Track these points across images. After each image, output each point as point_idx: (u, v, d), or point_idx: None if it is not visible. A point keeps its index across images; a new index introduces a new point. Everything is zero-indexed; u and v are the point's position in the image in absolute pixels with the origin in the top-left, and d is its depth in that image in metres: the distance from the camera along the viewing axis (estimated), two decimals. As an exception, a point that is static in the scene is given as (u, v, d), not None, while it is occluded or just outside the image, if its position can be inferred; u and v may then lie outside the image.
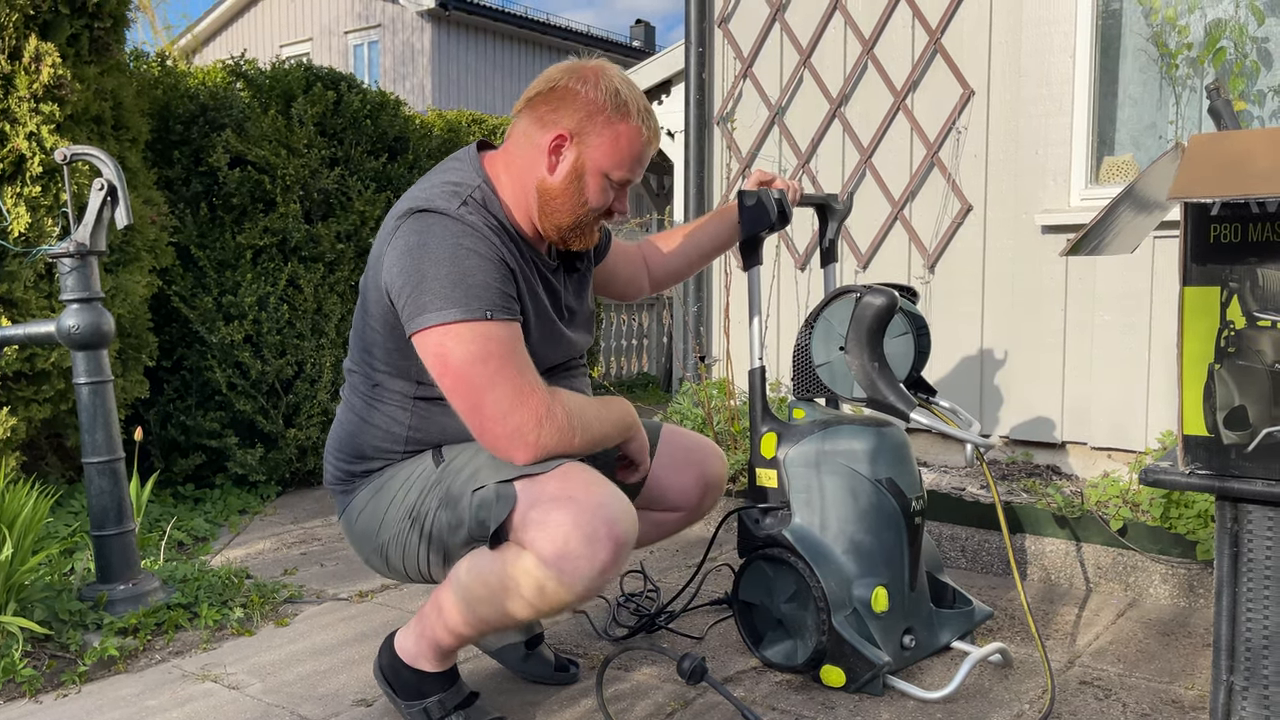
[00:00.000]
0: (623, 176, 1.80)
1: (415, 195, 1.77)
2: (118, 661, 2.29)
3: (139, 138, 3.45)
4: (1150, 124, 3.24)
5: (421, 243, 1.68)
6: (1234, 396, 1.62)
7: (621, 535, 1.63)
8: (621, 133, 1.76)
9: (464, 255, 1.67)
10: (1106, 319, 3.17)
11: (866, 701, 2.05)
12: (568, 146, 1.76)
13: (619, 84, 1.77)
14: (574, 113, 1.75)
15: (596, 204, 1.80)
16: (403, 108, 4.58)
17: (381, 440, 1.87)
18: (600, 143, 1.76)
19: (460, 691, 1.91)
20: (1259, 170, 1.45)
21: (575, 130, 1.75)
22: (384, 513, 1.85)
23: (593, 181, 1.78)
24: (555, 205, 1.79)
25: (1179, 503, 2.60)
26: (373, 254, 1.81)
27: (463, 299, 1.64)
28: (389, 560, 1.87)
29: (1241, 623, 1.67)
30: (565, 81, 1.76)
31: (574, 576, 1.61)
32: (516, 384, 1.65)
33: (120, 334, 3.34)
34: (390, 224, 1.76)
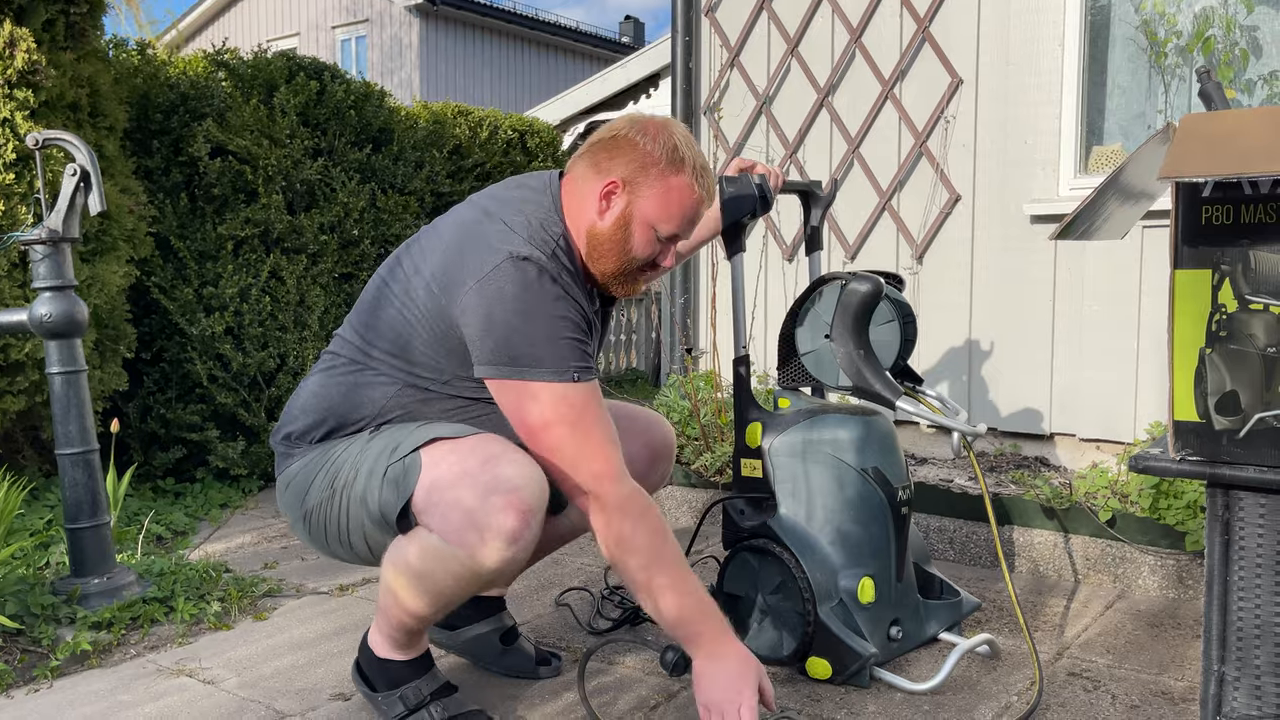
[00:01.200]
0: (670, 231, 1.79)
1: (506, 231, 1.72)
2: (91, 656, 2.24)
3: (116, 126, 3.40)
4: (1139, 113, 3.22)
5: (514, 294, 1.67)
6: (1225, 381, 1.59)
7: (525, 500, 1.62)
8: (673, 186, 1.77)
9: (553, 315, 1.69)
10: (1095, 309, 3.15)
11: (853, 693, 2.02)
12: (618, 194, 1.77)
13: (679, 140, 1.78)
14: (629, 162, 1.76)
15: (642, 254, 1.80)
16: (387, 98, 4.54)
17: (353, 412, 1.83)
18: (651, 194, 1.76)
19: (436, 679, 1.88)
20: (1252, 148, 1.42)
21: (628, 179, 1.76)
22: (312, 479, 1.82)
23: (639, 232, 1.78)
24: (602, 251, 1.79)
25: (1168, 493, 2.58)
26: (437, 263, 1.75)
27: (553, 361, 1.67)
28: (310, 529, 1.86)
29: (1233, 611, 1.64)
30: (626, 131, 1.78)
31: (484, 551, 1.61)
32: (592, 444, 1.70)
33: (97, 325, 3.29)
34: (480, 254, 1.70)
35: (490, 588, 1.79)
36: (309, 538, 1.89)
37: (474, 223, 1.78)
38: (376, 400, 1.82)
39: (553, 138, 5.70)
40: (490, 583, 1.71)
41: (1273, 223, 1.53)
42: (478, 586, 1.72)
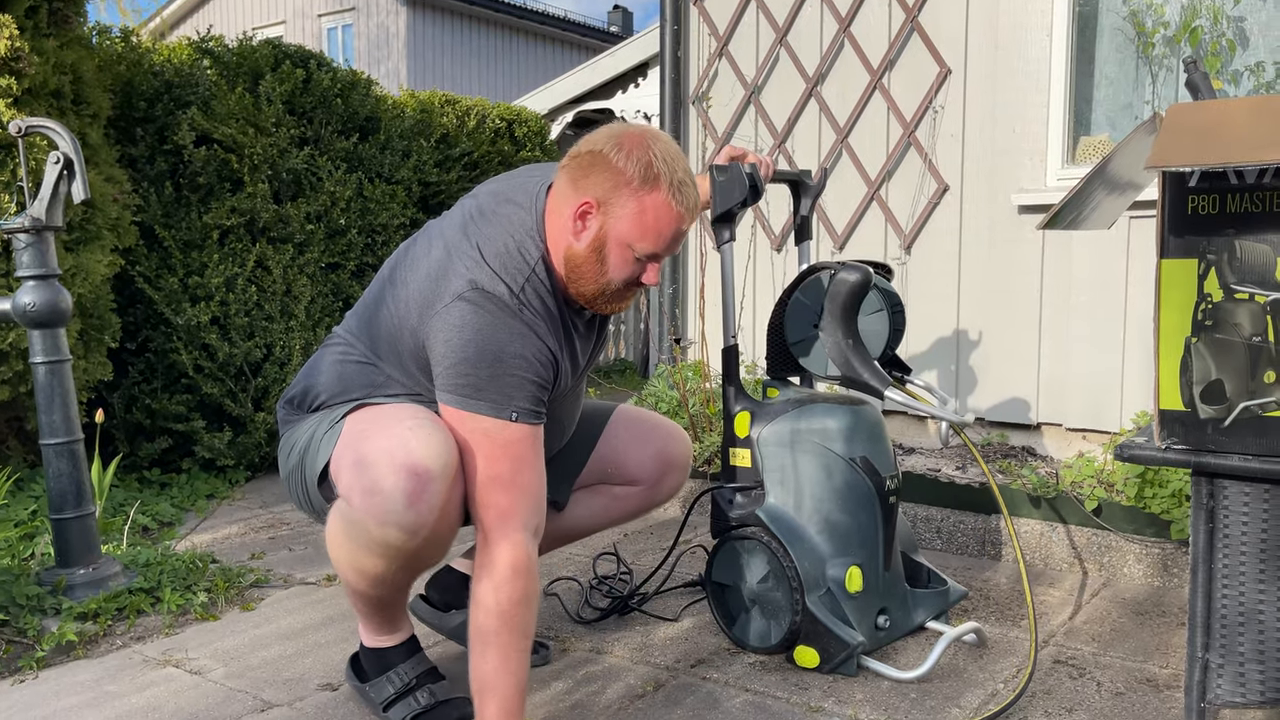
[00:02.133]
0: (648, 250, 1.73)
1: (477, 260, 1.70)
2: (76, 647, 2.23)
3: (100, 113, 3.37)
4: (1126, 104, 3.23)
5: (475, 327, 1.65)
6: (1211, 370, 1.60)
7: (418, 462, 1.59)
8: (647, 206, 1.70)
9: (511, 357, 1.66)
10: (1082, 300, 3.16)
11: (840, 682, 2.02)
12: (593, 215, 1.71)
13: (655, 155, 1.70)
14: (602, 181, 1.70)
15: (619, 277, 1.75)
16: (374, 87, 4.51)
17: (359, 386, 1.84)
18: (624, 214, 1.70)
19: (423, 662, 1.89)
20: (1238, 138, 1.43)
21: (601, 199, 1.70)
22: (295, 442, 1.86)
23: (615, 253, 1.73)
24: (579, 274, 1.75)
25: (1153, 482, 2.59)
26: (420, 281, 1.74)
27: (495, 397, 1.65)
28: (291, 490, 1.89)
29: (1217, 599, 1.65)
30: (602, 147, 1.71)
31: (385, 514, 1.60)
32: (510, 492, 1.66)
33: (81, 314, 3.27)
34: (449, 281, 1.70)
35: (420, 560, 1.74)
36: (293, 501, 1.93)
37: (455, 243, 1.75)
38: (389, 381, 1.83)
39: (541, 127, 5.68)
40: (411, 551, 1.66)
41: (1259, 212, 1.53)
42: (396, 554, 1.66)
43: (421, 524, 1.61)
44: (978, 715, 1.88)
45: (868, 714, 1.89)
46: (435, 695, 1.85)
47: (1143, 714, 1.88)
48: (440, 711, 1.83)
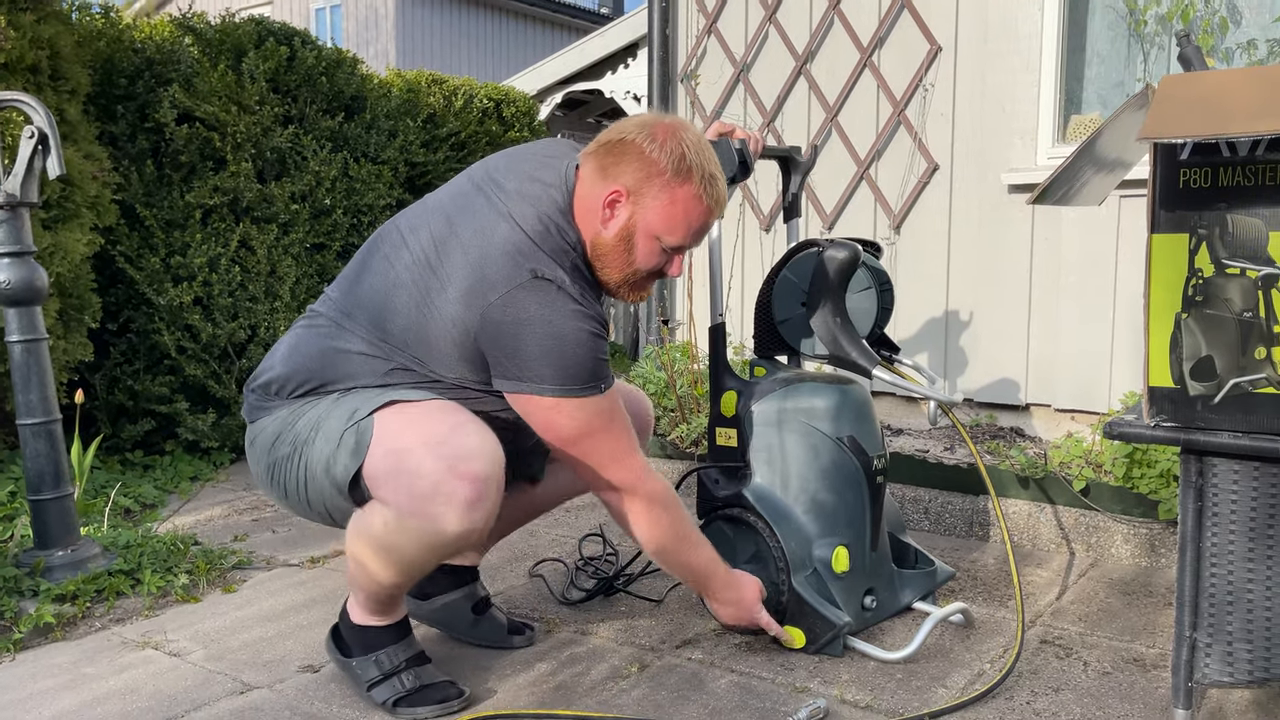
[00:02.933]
0: (676, 243, 1.74)
1: (528, 244, 1.68)
2: (55, 629, 2.20)
3: (79, 90, 3.32)
4: (1118, 82, 3.20)
5: (542, 318, 1.65)
6: (1201, 346, 1.58)
7: (480, 470, 1.62)
8: (679, 197, 1.70)
9: (578, 337, 1.67)
10: (1072, 280, 3.14)
11: (826, 662, 2.01)
12: (622, 204, 1.71)
13: (688, 146, 1.70)
14: (634, 171, 1.70)
15: (645, 266, 1.76)
16: (360, 65, 4.45)
17: (343, 378, 1.78)
18: (655, 205, 1.70)
19: (411, 646, 1.87)
20: (1232, 109, 1.40)
21: (632, 189, 1.70)
22: (278, 434, 1.79)
23: (643, 243, 1.73)
24: (606, 261, 1.75)
25: (1141, 462, 2.58)
26: (458, 269, 1.69)
27: (583, 379, 1.68)
28: (273, 483, 1.82)
29: (1205, 578, 1.64)
30: (634, 136, 1.71)
31: (442, 520, 1.61)
32: (621, 446, 1.75)
33: (60, 294, 3.22)
34: (503, 268, 1.66)
35: (456, 555, 1.77)
36: (271, 491, 1.86)
37: (492, 226, 1.71)
38: (356, 376, 1.77)
39: (529, 107, 5.62)
40: (455, 550, 1.69)
41: (1251, 185, 1.51)
42: (442, 553, 1.70)
43: (476, 526, 1.65)
44: (964, 695, 1.87)
45: (854, 694, 1.87)
46: (420, 679, 1.83)
47: (1130, 693, 1.87)
48: (425, 694, 1.82)
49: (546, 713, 1.80)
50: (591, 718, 1.79)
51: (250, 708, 1.85)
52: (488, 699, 1.87)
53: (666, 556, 1.86)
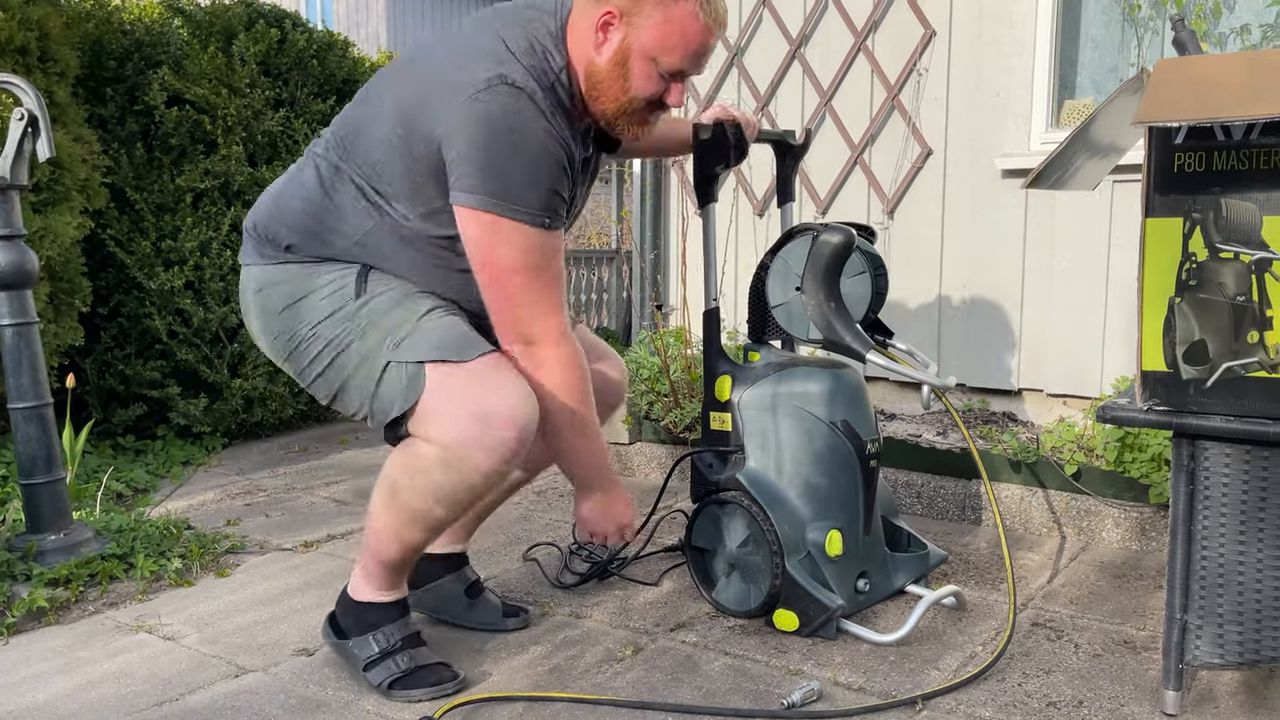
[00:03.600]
0: (674, 66, 1.67)
1: (504, 52, 1.62)
2: (48, 613, 2.20)
3: (68, 72, 3.29)
4: (1111, 67, 3.20)
5: (506, 126, 1.59)
6: (1194, 330, 1.59)
7: (521, 419, 1.65)
8: (674, 15, 1.62)
9: (541, 157, 1.62)
10: (1064, 265, 3.15)
11: (820, 645, 2.02)
12: (616, 26, 1.64)
13: None
14: None
15: (641, 92, 1.69)
16: (351, 48, 4.42)
17: (328, 231, 1.76)
18: (649, 24, 1.63)
19: (408, 626, 1.87)
20: (1227, 93, 1.41)
21: (624, 8, 1.63)
22: (298, 304, 1.77)
23: (639, 66, 1.66)
24: (600, 90, 1.69)
25: (1133, 447, 2.59)
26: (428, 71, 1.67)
27: (532, 203, 1.62)
28: (284, 353, 1.81)
29: (1196, 560, 1.65)
30: None
31: (480, 463, 1.65)
32: (547, 299, 1.70)
33: (51, 277, 3.20)
34: (474, 69, 1.61)
35: (471, 506, 1.78)
36: (275, 354, 1.84)
37: (472, 34, 1.67)
38: (348, 233, 1.75)
39: (521, 91, 5.59)
40: (476, 498, 1.73)
41: (1246, 169, 1.52)
42: (467, 500, 1.72)
43: (505, 474, 1.69)
44: (956, 677, 1.88)
45: (847, 677, 1.88)
46: (415, 660, 1.83)
47: (1120, 675, 1.89)
48: (419, 676, 1.82)
49: (542, 695, 1.80)
50: (587, 700, 1.80)
51: (246, 691, 1.86)
52: (482, 682, 1.87)
53: (570, 430, 1.77)
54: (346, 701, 1.81)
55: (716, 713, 1.75)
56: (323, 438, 4.03)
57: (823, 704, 1.78)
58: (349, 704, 1.80)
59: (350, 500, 3.13)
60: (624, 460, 3.43)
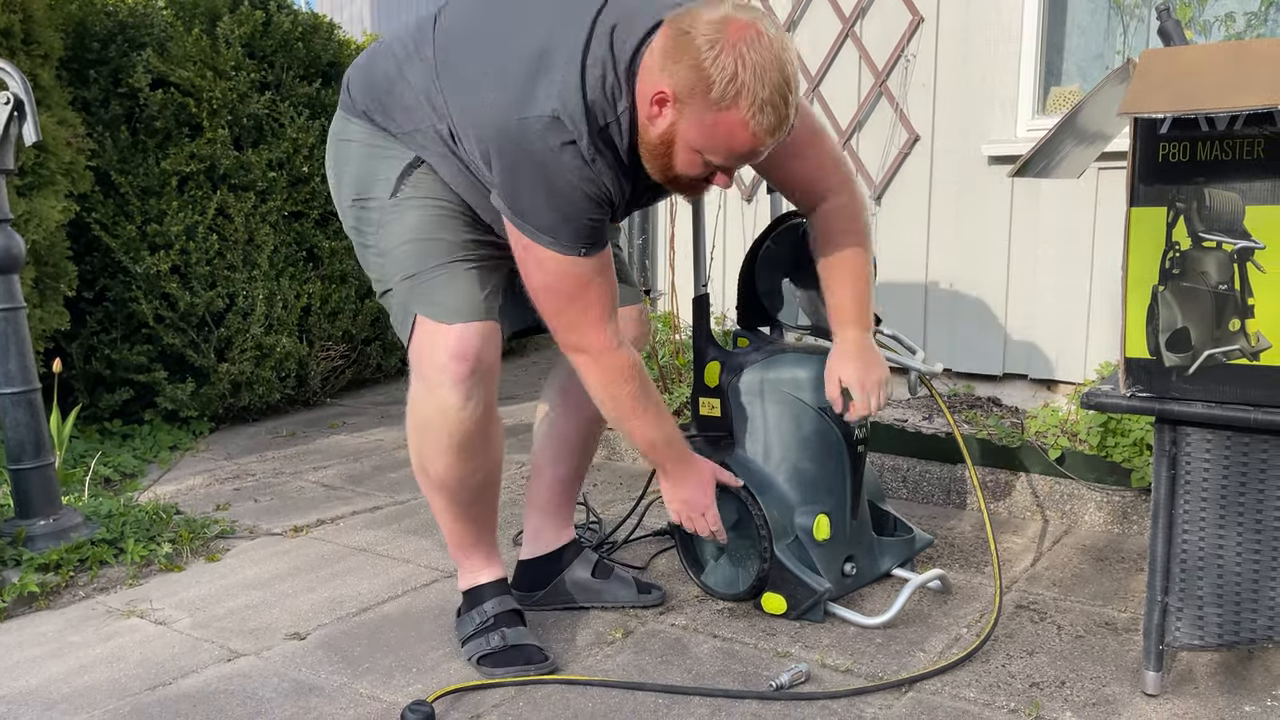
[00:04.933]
0: (719, 162, 1.63)
1: (564, 85, 1.58)
2: (39, 598, 2.21)
3: (51, 54, 3.26)
4: (1098, 54, 3.21)
5: (545, 162, 1.60)
6: (1177, 318, 1.61)
7: (469, 349, 1.73)
8: (720, 121, 1.55)
9: (574, 197, 1.63)
10: (1050, 251, 3.17)
11: (808, 628, 2.05)
12: (668, 107, 1.58)
13: (746, 64, 1.51)
14: (684, 76, 1.54)
15: (686, 174, 1.66)
16: (337, 31, 4.40)
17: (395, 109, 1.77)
18: (697, 121, 1.57)
19: (505, 603, 1.93)
20: (1212, 84, 1.42)
21: (679, 95, 1.55)
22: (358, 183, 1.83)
23: (684, 154, 1.62)
24: (647, 157, 1.66)
25: (1116, 431, 2.63)
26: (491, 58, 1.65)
27: (564, 236, 1.64)
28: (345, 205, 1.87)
29: (1177, 544, 1.68)
30: (699, 33, 1.53)
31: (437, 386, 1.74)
32: (590, 315, 1.72)
33: (36, 262, 3.19)
34: (530, 89, 1.59)
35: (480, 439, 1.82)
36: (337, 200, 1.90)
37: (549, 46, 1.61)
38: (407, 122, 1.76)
39: (508, 74, 5.57)
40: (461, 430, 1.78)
41: (1229, 160, 1.54)
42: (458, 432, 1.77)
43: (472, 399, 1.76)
44: (942, 659, 1.91)
45: (834, 659, 1.91)
46: (507, 639, 1.87)
47: (1102, 656, 1.92)
48: (509, 654, 1.86)
49: (532, 679, 1.82)
50: (577, 681, 1.82)
51: (238, 674, 1.87)
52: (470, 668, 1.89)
53: (623, 426, 1.85)
54: (340, 685, 1.83)
55: (706, 694, 1.78)
56: (311, 422, 4.03)
57: (811, 685, 1.80)
58: (342, 687, 1.82)
59: (339, 485, 3.13)
60: (611, 444, 3.45)
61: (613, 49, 1.61)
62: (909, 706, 1.74)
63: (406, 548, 2.55)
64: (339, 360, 4.38)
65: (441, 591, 2.26)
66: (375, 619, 2.12)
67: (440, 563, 2.44)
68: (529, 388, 4.62)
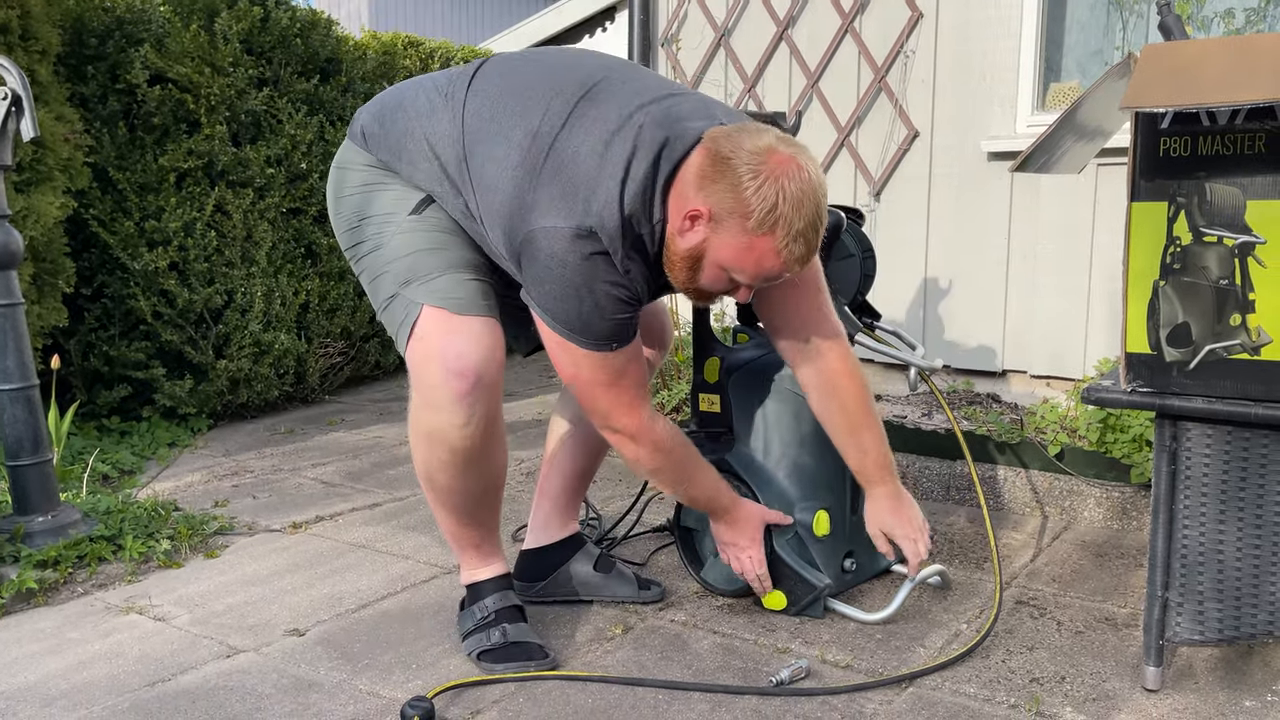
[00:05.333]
0: (745, 281, 1.69)
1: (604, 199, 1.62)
2: (37, 594, 2.20)
3: (49, 50, 3.25)
4: (1097, 50, 3.21)
5: (578, 271, 1.64)
6: (1178, 313, 1.61)
7: (468, 366, 1.71)
8: (755, 246, 1.62)
9: (605, 303, 1.67)
10: (1049, 247, 3.17)
11: (807, 624, 2.04)
12: (701, 224, 1.64)
13: (785, 196, 1.59)
14: (722, 198, 1.60)
15: (710, 288, 1.73)
16: (335, 27, 4.39)
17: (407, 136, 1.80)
18: (729, 241, 1.63)
19: (506, 599, 1.93)
20: (1214, 78, 1.42)
21: (715, 215, 1.62)
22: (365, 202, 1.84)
23: (710, 269, 1.68)
24: (671, 265, 1.71)
25: (1115, 427, 2.63)
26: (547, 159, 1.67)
27: (595, 336, 1.69)
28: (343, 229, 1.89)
29: (1178, 539, 1.68)
30: (741, 160, 1.60)
31: (437, 406, 1.73)
32: (624, 400, 1.77)
33: (34, 258, 3.18)
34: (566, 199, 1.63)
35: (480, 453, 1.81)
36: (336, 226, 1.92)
37: (588, 153, 1.65)
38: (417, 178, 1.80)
39: (507, 71, 5.56)
40: (460, 446, 1.76)
41: (1230, 154, 1.53)
42: (460, 447, 1.76)
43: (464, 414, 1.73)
44: (941, 655, 1.91)
45: (834, 655, 1.91)
46: (508, 635, 1.87)
47: (1102, 652, 1.92)
48: (509, 651, 1.86)
49: (532, 675, 1.82)
50: (577, 677, 1.81)
51: (238, 670, 1.87)
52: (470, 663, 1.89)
53: (670, 490, 1.93)
54: (339, 681, 1.82)
55: (706, 690, 1.77)
56: (310, 419, 4.03)
57: (811, 681, 1.80)
58: (341, 683, 1.81)
59: (338, 482, 3.13)
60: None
61: (657, 164, 1.66)
62: (909, 702, 1.74)
63: (406, 544, 2.55)
64: (338, 357, 4.38)
65: (441, 588, 2.26)
66: (374, 615, 2.11)
67: (440, 559, 2.43)
68: (528, 384, 4.62)
